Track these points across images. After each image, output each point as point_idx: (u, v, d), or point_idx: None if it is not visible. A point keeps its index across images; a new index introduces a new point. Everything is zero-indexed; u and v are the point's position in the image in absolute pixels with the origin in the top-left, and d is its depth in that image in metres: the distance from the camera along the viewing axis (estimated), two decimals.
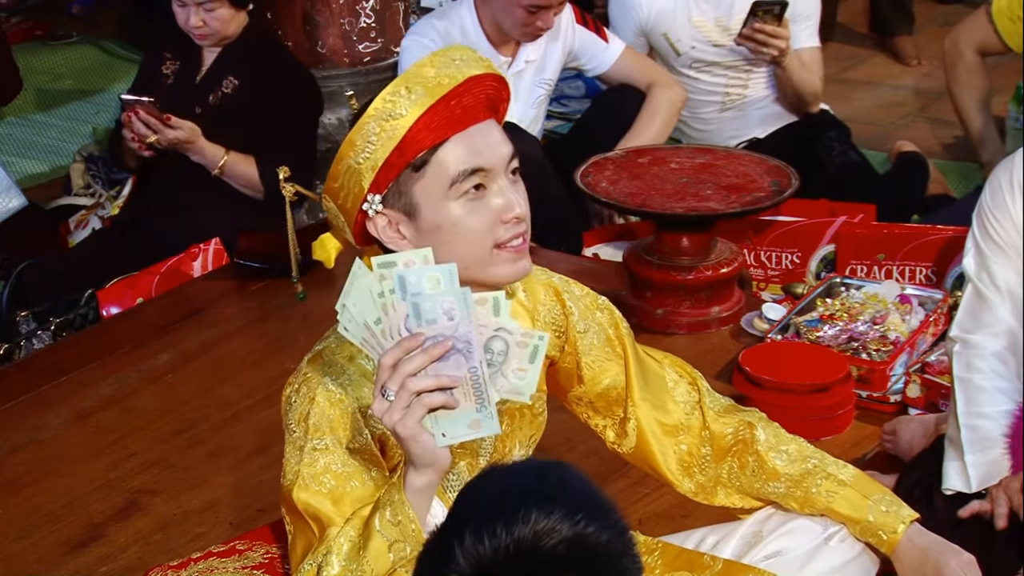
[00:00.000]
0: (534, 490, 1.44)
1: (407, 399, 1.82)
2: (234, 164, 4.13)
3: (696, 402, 2.29)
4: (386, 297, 1.83)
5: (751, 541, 2.26)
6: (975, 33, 4.51)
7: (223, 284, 4.06)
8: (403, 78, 1.95)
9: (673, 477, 2.29)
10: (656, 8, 4.52)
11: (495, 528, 1.39)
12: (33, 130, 5.78)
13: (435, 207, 1.96)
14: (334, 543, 1.92)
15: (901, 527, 2.20)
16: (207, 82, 4.21)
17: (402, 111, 1.93)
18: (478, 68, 1.98)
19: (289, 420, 2.04)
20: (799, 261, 4.02)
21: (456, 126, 1.95)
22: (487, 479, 1.50)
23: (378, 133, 1.93)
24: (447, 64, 1.96)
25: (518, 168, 2.02)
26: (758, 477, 2.26)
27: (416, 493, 1.88)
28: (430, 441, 1.84)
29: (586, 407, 2.29)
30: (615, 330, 2.25)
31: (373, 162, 1.94)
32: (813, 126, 4.60)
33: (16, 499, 3.15)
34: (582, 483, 1.48)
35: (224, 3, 4.10)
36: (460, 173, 1.95)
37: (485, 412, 1.83)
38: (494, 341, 1.85)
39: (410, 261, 1.84)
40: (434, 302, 1.81)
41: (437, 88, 1.93)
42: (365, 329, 1.84)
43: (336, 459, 1.99)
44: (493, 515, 1.41)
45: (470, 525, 1.41)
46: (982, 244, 2.67)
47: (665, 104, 4.43)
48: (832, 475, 2.24)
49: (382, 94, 1.94)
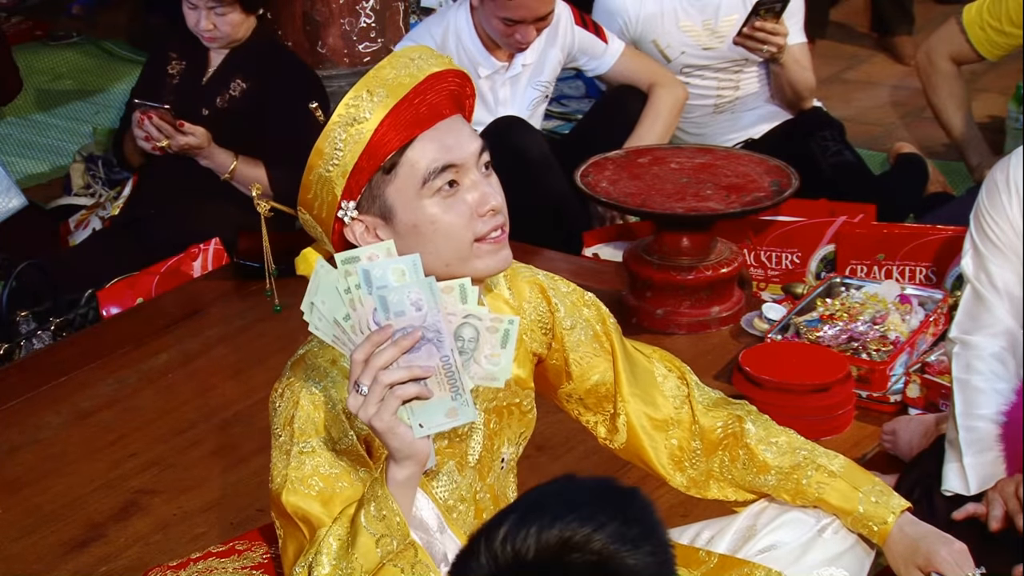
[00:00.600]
0: (587, 503, 1.39)
1: (381, 392, 1.82)
2: (244, 169, 4.13)
3: (685, 396, 2.30)
4: (352, 292, 1.83)
5: (745, 535, 2.27)
6: (947, 44, 4.52)
7: (223, 284, 4.06)
8: (363, 82, 1.95)
9: (665, 471, 2.29)
10: (643, 16, 4.52)
11: (528, 530, 1.36)
12: (33, 130, 5.78)
13: (410, 207, 1.96)
14: (323, 543, 1.93)
15: (891, 518, 2.20)
16: (214, 84, 4.20)
17: (366, 114, 1.93)
18: (437, 65, 1.98)
19: (275, 425, 2.05)
20: (799, 261, 4.02)
21: (422, 124, 1.96)
22: (557, 483, 1.45)
23: (344, 139, 1.93)
24: (406, 64, 1.97)
25: (490, 162, 2.02)
26: (749, 470, 2.27)
27: (398, 486, 1.89)
28: (408, 433, 1.85)
29: (576, 404, 2.29)
30: (602, 326, 2.25)
31: (343, 168, 1.94)
32: (807, 125, 4.61)
33: (16, 499, 3.15)
34: (643, 510, 1.42)
35: (235, 8, 4.09)
36: (431, 171, 1.95)
37: (460, 400, 1.84)
38: (464, 328, 1.85)
39: (373, 255, 1.85)
40: (400, 294, 1.81)
41: (398, 88, 1.94)
42: (335, 326, 1.85)
43: (323, 461, 2.00)
44: (534, 517, 1.37)
45: (507, 522, 1.38)
46: (980, 245, 2.67)
47: (668, 104, 4.44)
48: (822, 466, 2.24)
49: (344, 100, 1.94)
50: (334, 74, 4.74)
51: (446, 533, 2.02)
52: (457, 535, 2.02)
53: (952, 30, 4.50)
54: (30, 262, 4.04)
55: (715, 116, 4.67)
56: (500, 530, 1.37)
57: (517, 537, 1.36)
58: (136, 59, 6.07)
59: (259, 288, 4.03)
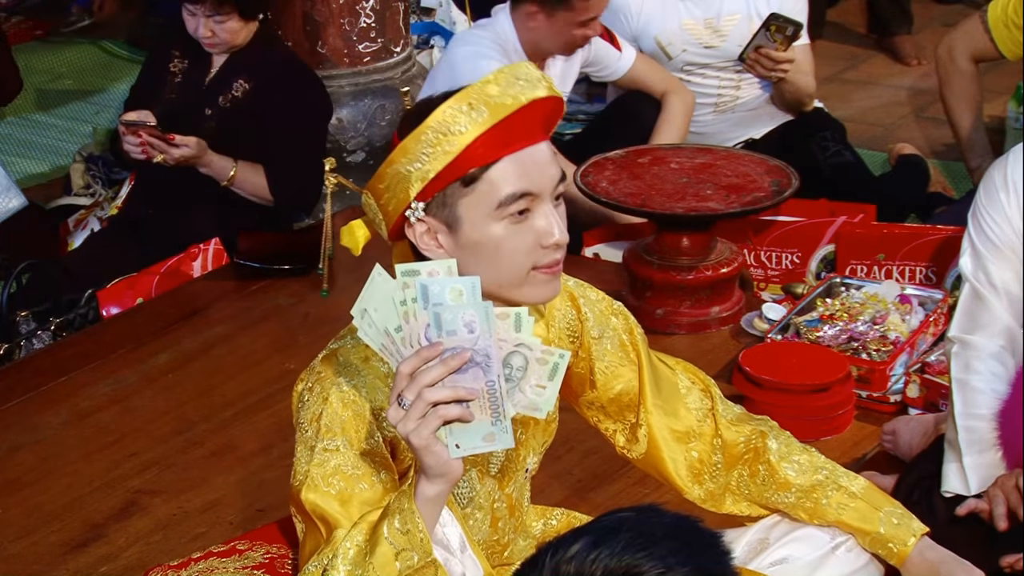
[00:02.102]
0: (665, 540, 1.36)
1: (423, 409, 1.81)
2: (243, 175, 4.12)
3: (709, 409, 2.28)
4: (408, 305, 1.82)
5: (757, 547, 2.26)
6: (969, 40, 4.49)
7: (223, 284, 4.06)
8: (466, 93, 1.91)
9: (683, 483, 2.28)
10: (645, 12, 4.53)
11: (598, 554, 1.34)
12: (33, 130, 5.78)
13: (478, 225, 1.94)
14: (340, 547, 1.91)
15: (912, 540, 2.20)
16: (217, 84, 4.18)
17: (462, 128, 1.89)
18: (543, 90, 1.95)
19: (300, 418, 2.03)
20: (799, 261, 4.02)
21: (511, 146, 1.93)
22: (639, 512, 1.41)
23: (434, 145, 1.90)
24: (511, 84, 1.93)
25: (562, 193, 2.00)
26: (768, 486, 2.26)
27: (426, 503, 1.88)
28: (443, 452, 1.84)
29: (597, 411, 2.28)
30: (629, 336, 2.24)
31: (424, 173, 1.91)
32: (808, 125, 4.61)
33: (16, 499, 3.15)
34: (719, 560, 1.39)
35: (234, 15, 4.06)
36: (509, 196, 1.93)
37: (500, 426, 1.83)
38: (514, 356, 1.84)
39: (434, 271, 1.84)
40: (455, 313, 1.80)
41: (500, 108, 1.90)
42: (385, 335, 1.84)
43: (347, 461, 1.98)
44: (607, 542, 1.35)
45: (580, 541, 1.36)
46: (978, 244, 2.67)
47: (681, 112, 4.48)
48: (843, 487, 2.23)
49: (446, 104, 1.90)
50: (334, 74, 4.73)
51: (467, 552, 2.00)
52: (476, 553, 2.01)
53: (975, 27, 4.47)
54: (30, 262, 4.04)
55: (716, 116, 4.67)
56: (571, 548, 1.36)
57: (586, 559, 1.35)
58: (136, 59, 6.07)
59: (259, 288, 4.04)
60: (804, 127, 4.61)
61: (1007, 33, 4.39)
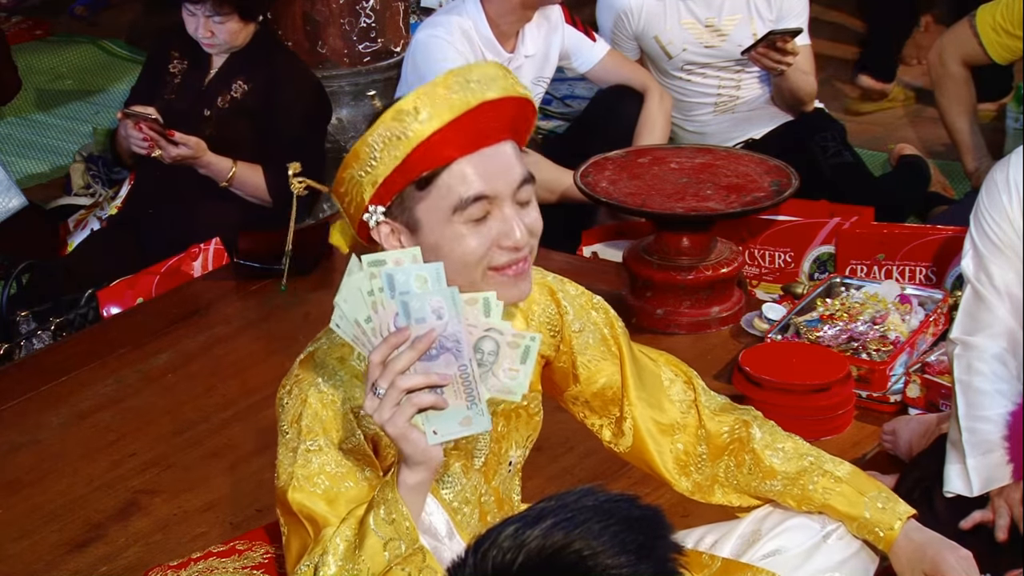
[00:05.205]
0: (595, 516, 1.36)
1: (397, 397, 1.82)
2: (242, 175, 4.12)
3: (692, 401, 2.29)
4: (376, 295, 1.84)
5: (749, 540, 2.26)
6: (959, 45, 4.51)
7: (223, 284, 4.06)
8: (415, 95, 1.89)
9: (670, 476, 2.29)
10: (646, 11, 4.53)
11: (524, 537, 1.35)
12: (33, 130, 5.79)
13: (435, 227, 1.93)
14: (330, 543, 1.92)
15: (898, 524, 2.20)
16: (216, 84, 4.18)
17: (408, 132, 1.88)
18: (496, 91, 1.92)
19: (282, 422, 2.04)
20: (791, 260, 4.03)
21: (465, 148, 1.90)
22: (571, 493, 1.41)
23: (382, 150, 1.89)
24: (462, 86, 1.90)
25: (530, 191, 1.97)
26: (755, 475, 2.26)
27: (409, 491, 1.89)
28: (421, 439, 1.85)
29: (582, 406, 2.29)
30: (610, 329, 2.24)
31: (373, 178, 1.91)
32: (808, 125, 4.61)
33: (16, 499, 3.15)
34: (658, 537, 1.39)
35: (233, 16, 4.06)
36: (465, 200, 1.91)
37: (475, 409, 1.84)
38: (484, 341, 1.85)
39: (399, 259, 1.85)
40: (422, 301, 1.81)
41: (447, 111, 1.88)
42: (356, 326, 1.85)
43: (329, 460, 1.99)
44: (533, 525, 1.35)
45: (508, 528, 1.36)
46: (980, 245, 2.67)
47: (661, 112, 4.49)
48: (828, 472, 2.24)
49: (394, 108, 1.89)
50: (334, 74, 4.73)
51: (455, 539, 2.02)
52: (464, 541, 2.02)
53: (964, 31, 4.48)
54: (30, 262, 4.04)
55: (716, 116, 4.68)
56: (507, 529, 1.37)
57: (513, 542, 1.35)
58: (136, 59, 6.08)
59: (259, 288, 4.03)
60: (804, 127, 4.61)
61: (997, 38, 4.41)
